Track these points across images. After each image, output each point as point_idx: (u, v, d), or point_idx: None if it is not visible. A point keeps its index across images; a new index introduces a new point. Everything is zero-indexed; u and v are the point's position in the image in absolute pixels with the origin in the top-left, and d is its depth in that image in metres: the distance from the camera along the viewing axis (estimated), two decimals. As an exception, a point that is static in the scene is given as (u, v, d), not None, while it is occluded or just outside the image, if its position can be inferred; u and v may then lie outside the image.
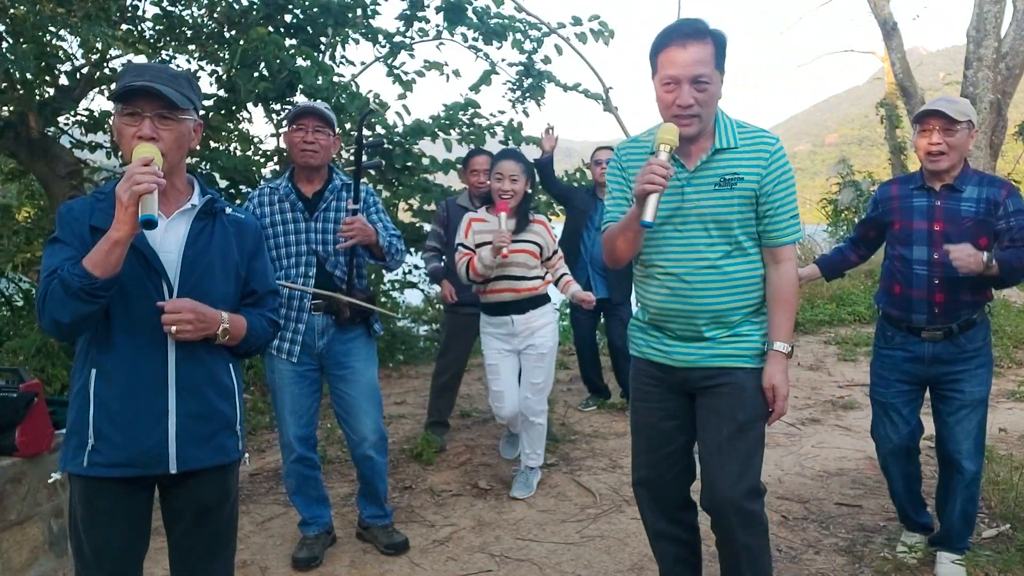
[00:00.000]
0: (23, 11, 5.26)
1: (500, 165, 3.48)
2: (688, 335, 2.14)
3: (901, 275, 2.70)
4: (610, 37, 6.67)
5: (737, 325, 2.12)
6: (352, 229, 2.78)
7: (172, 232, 1.81)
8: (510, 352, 3.59)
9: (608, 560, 3.03)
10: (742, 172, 2.06)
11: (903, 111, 12.33)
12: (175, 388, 1.77)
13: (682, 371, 2.17)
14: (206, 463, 1.82)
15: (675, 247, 2.11)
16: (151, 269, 1.76)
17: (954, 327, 2.65)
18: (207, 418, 1.82)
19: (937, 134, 2.59)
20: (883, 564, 2.90)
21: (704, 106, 2.00)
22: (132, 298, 1.74)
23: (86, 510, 1.78)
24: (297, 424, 2.99)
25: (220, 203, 1.91)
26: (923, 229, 2.64)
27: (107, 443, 1.74)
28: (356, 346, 3.00)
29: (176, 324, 1.72)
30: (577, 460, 4.19)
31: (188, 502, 1.85)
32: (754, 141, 2.09)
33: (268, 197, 2.98)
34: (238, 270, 1.89)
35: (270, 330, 1.98)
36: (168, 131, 1.74)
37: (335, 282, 2.93)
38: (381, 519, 3.18)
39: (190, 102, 1.78)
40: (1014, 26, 8.73)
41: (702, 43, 1.96)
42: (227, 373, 1.88)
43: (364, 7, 6.31)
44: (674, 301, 2.12)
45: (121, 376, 1.74)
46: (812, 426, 4.72)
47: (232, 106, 6.01)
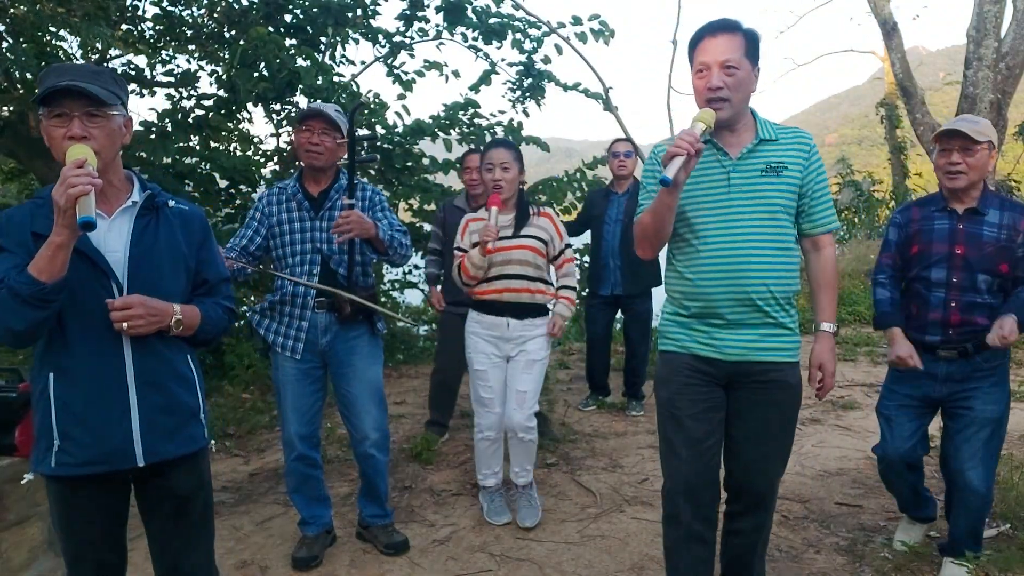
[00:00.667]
0: (23, 11, 5.26)
1: (489, 154, 3.24)
2: (740, 319, 2.17)
3: (919, 296, 2.68)
4: (610, 37, 6.68)
5: (783, 316, 2.20)
6: (348, 223, 2.77)
7: (116, 231, 1.81)
8: (500, 359, 3.30)
9: (608, 560, 3.03)
10: (787, 162, 2.18)
11: (903, 111, 12.32)
12: (135, 383, 1.79)
13: (731, 364, 2.21)
14: (175, 453, 1.86)
15: (726, 231, 2.16)
16: (98, 270, 1.76)
17: (969, 347, 2.62)
18: (171, 410, 1.85)
19: (957, 154, 2.57)
20: (883, 564, 2.90)
21: (734, 91, 2.10)
22: (82, 300, 1.74)
23: (61, 509, 1.82)
24: (299, 422, 2.99)
25: (162, 197, 1.91)
26: (943, 252, 2.61)
27: (73, 443, 1.76)
28: (359, 344, 3.00)
29: (126, 320, 1.73)
30: (577, 460, 4.19)
31: (164, 493, 1.89)
32: (793, 135, 2.23)
33: (277, 197, 3.01)
34: (187, 262, 1.90)
35: (226, 318, 1.99)
36: (99, 129, 1.73)
37: (340, 280, 2.94)
38: (381, 519, 3.17)
39: (117, 98, 1.77)
40: (1014, 26, 8.73)
41: (732, 35, 2.11)
42: (186, 364, 1.91)
43: (364, 7, 6.31)
44: (727, 283, 2.16)
45: (81, 377, 1.76)
46: (812, 426, 4.72)
47: (232, 106, 6.01)
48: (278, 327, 2.98)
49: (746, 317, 2.17)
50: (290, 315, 2.96)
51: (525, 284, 3.23)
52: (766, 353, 2.19)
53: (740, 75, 2.10)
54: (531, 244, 3.23)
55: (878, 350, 6.67)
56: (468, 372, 3.46)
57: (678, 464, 2.26)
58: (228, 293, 2.02)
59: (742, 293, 2.15)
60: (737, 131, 2.19)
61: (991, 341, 2.49)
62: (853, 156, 20.43)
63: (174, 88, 6.47)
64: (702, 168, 2.19)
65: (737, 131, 2.19)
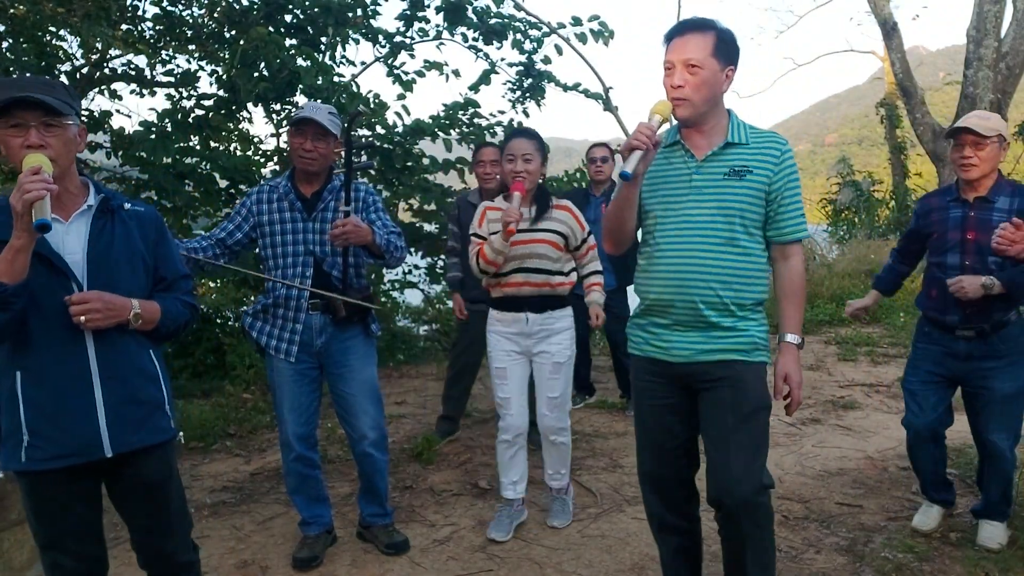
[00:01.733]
0: (23, 11, 5.26)
1: (511, 145, 3.13)
2: (688, 320, 2.16)
3: (937, 281, 2.88)
4: (610, 37, 6.68)
5: (732, 321, 2.15)
6: (344, 231, 2.74)
7: (73, 234, 1.90)
8: (520, 355, 3.20)
9: (609, 559, 3.03)
10: (752, 166, 2.13)
11: (903, 111, 12.33)
12: (99, 378, 1.88)
13: (681, 366, 2.19)
14: (142, 443, 1.95)
15: (681, 233, 2.15)
16: (58, 272, 1.85)
17: (986, 327, 2.81)
18: (136, 402, 1.94)
19: (968, 148, 2.76)
20: (884, 564, 2.90)
21: (694, 90, 2.08)
22: (44, 301, 1.83)
23: (35, 503, 1.90)
24: (296, 422, 2.98)
25: (117, 199, 2.01)
26: (956, 238, 2.82)
27: (42, 438, 1.85)
28: (354, 344, 2.99)
29: (84, 314, 1.80)
30: (577, 460, 4.19)
31: (134, 482, 1.99)
32: (765, 140, 2.18)
33: (267, 195, 2.97)
34: (145, 261, 1.99)
35: (187, 312, 2.07)
36: (55, 138, 1.83)
37: (333, 282, 2.92)
38: (382, 518, 3.18)
39: (71, 108, 1.87)
40: (1014, 26, 8.73)
41: (702, 34, 2.08)
42: (149, 359, 2.00)
43: (364, 7, 6.31)
44: (676, 284, 2.15)
45: (46, 375, 1.85)
46: (812, 426, 4.72)
47: (232, 106, 6.01)
48: (272, 330, 2.96)
49: (693, 320, 2.16)
50: (284, 317, 2.94)
51: (544, 278, 3.15)
52: (713, 354, 2.16)
53: (703, 75, 2.07)
54: (548, 238, 3.15)
55: (878, 350, 6.67)
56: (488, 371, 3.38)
57: (643, 459, 2.36)
58: (187, 289, 2.11)
59: (688, 297, 2.14)
60: (706, 132, 2.17)
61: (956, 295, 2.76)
62: (853, 156, 20.42)
63: (174, 88, 6.47)
64: (668, 168, 2.21)
65: (706, 132, 2.17)
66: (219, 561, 3.08)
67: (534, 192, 3.19)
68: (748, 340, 2.17)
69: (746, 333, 2.17)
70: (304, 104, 3.02)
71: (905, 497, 3.55)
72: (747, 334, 2.17)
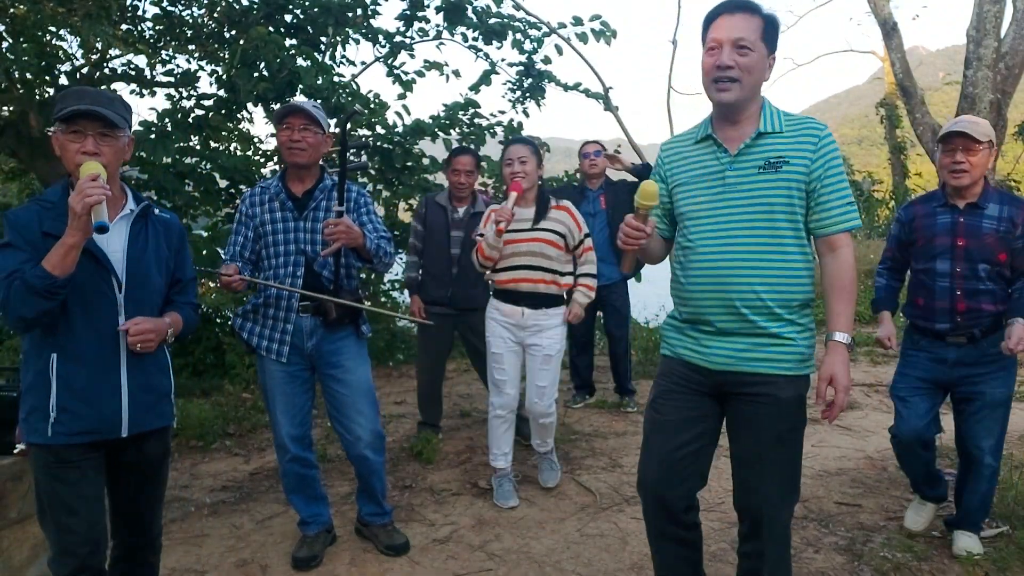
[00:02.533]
0: (23, 11, 5.27)
1: (509, 151, 3.46)
2: (728, 327, 2.05)
3: (924, 288, 2.86)
4: (611, 37, 6.68)
5: (779, 326, 2.02)
6: (336, 232, 2.73)
7: (116, 234, 2.10)
8: (515, 344, 3.50)
9: (608, 559, 3.03)
10: (788, 156, 2.00)
11: (903, 111, 12.33)
12: (126, 365, 2.09)
13: (719, 374, 2.08)
14: (151, 426, 2.17)
15: (717, 234, 2.04)
16: (102, 267, 2.05)
17: (976, 332, 2.79)
18: (151, 389, 2.16)
19: (960, 153, 2.73)
20: (883, 563, 2.90)
21: (745, 72, 1.97)
22: (88, 293, 2.03)
23: (55, 470, 2.04)
24: (291, 424, 2.98)
25: (151, 207, 2.22)
26: (946, 244, 2.79)
27: (70, 415, 2.02)
28: (346, 345, 2.97)
29: (142, 342, 2.04)
30: (577, 459, 4.19)
31: (138, 460, 2.18)
32: (801, 126, 2.04)
33: (260, 197, 2.96)
34: (168, 264, 2.22)
35: (195, 316, 2.33)
36: (109, 147, 2.03)
37: (323, 282, 2.90)
38: (380, 517, 3.17)
39: (125, 122, 2.07)
40: (1014, 26, 8.73)
41: (750, 15, 1.98)
42: (162, 352, 2.23)
43: (364, 7, 6.32)
44: (714, 289, 2.04)
45: (82, 358, 2.03)
46: (812, 426, 4.67)
47: (232, 106, 6.01)
48: (262, 330, 2.95)
49: (735, 326, 2.04)
50: (274, 318, 2.93)
51: (540, 275, 3.43)
52: (754, 364, 2.03)
53: (754, 57, 1.96)
54: (547, 237, 3.42)
55: (878, 350, 6.68)
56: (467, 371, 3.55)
57: (647, 462, 2.22)
58: (196, 291, 2.35)
59: (728, 300, 2.02)
60: (739, 124, 2.05)
61: (1004, 349, 2.67)
62: (853, 156, 20.44)
63: (174, 88, 6.48)
64: (700, 166, 2.11)
65: (739, 124, 2.05)
66: (219, 560, 3.08)
67: (534, 193, 3.47)
68: (794, 352, 2.03)
69: (792, 344, 2.03)
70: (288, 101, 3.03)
71: (904, 497, 3.55)
72: (793, 345, 2.03)
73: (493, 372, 3.53)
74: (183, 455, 4.35)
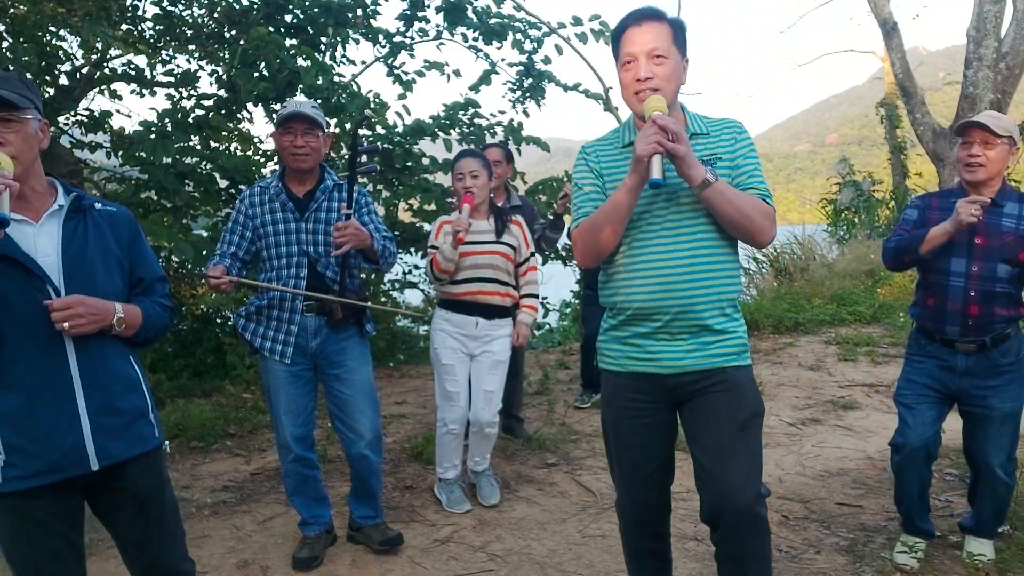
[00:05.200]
0: (23, 11, 5.27)
1: (459, 164, 3.49)
2: (678, 327, 2.03)
3: (936, 287, 2.72)
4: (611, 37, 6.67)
5: (723, 322, 2.05)
6: (345, 235, 2.75)
7: (45, 235, 1.79)
8: (465, 355, 3.49)
9: (609, 559, 3.03)
10: (720, 153, 2.06)
11: (903, 111, 12.32)
12: (81, 387, 1.77)
13: (672, 378, 2.06)
14: (126, 454, 1.84)
15: (661, 237, 2.03)
16: (32, 276, 1.74)
17: (987, 340, 2.67)
18: (119, 411, 1.84)
19: (977, 146, 2.62)
20: (884, 564, 2.90)
21: (664, 81, 1.97)
22: (18, 307, 1.72)
23: (14, 527, 1.76)
24: (294, 424, 2.98)
25: (88, 199, 1.90)
26: (963, 242, 2.65)
27: (21, 455, 1.72)
28: (350, 345, 2.98)
29: (68, 320, 1.70)
30: (578, 460, 4.19)
31: (124, 496, 1.88)
32: (721, 126, 2.11)
33: (259, 197, 2.95)
34: (120, 262, 1.90)
35: (166, 316, 1.99)
36: (14, 133, 1.72)
37: (327, 283, 2.91)
38: (372, 519, 3.16)
39: (29, 101, 1.76)
40: (1014, 26, 8.73)
41: (658, 23, 1.99)
42: (130, 365, 1.90)
43: (364, 7, 6.31)
44: (665, 290, 2.02)
45: (23, 386, 1.73)
46: (812, 426, 4.72)
47: (232, 106, 6.01)
48: (266, 331, 2.95)
49: (683, 326, 2.03)
50: (278, 319, 2.93)
51: (496, 287, 3.48)
52: (704, 361, 2.04)
53: (670, 64, 1.97)
54: (504, 251, 3.50)
55: (878, 350, 6.67)
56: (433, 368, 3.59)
57: (620, 486, 2.23)
58: (165, 291, 2.02)
59: (680, 300, 2.01)
60: None
61: None
62: (853, 156, 20.41)
63: (174, 88, 6.47)
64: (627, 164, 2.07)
65: None
66: (219, 561, 3.08)
67: (486, 206, 3.53)
68: (739, 342, 2.08)
69: (736, 335, 2.07)
70: (285, 104, 2.97)
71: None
72: (737, 336, 2.08)
73: (445, 384, 3.47)
74: (184, 456, 4.35)
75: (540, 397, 5.51)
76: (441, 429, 3.53)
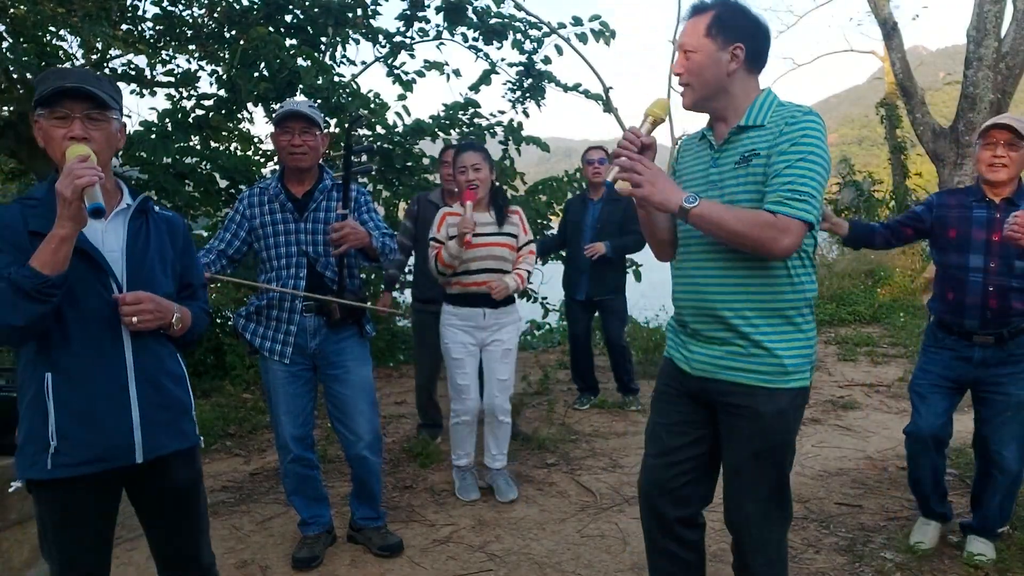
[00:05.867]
0: (23, 11, 5.27)
1: (462, 157, 3.47)
2: (705, 332, 1.99)
3: (955, 282, 2.81)
4: (611, 37, 6.68)
5: (758, 334, 1.91)
6: (342, 235, 2.75)
7: (112, 232, 1.86)
8: (475, 347, 3.56)
9: (608, 559, 3.03)
10: (760, 148, 1.89)
11: (903, 111, 12.31)
12: (135, 380, 1.83)
13: (698, 380, 2.02)
14: (170, 448, 1.90)
15: (697, 235, 1.97)
16: (98, 268, 1.80)
17: (1005, 332, 2.74)
18: (166, 406, 1.90)
19: (1001, 147, 2.71)
20: (883, 564, 2.90)
21: (691, 75, 1.95)
22: (83, 298, 1.78)
23: (56, 514, 1.80)
24: (293, 424, 2.98)
25: (149, 203, 1.98)
26: (981, 239, 2.75)
27: (72, 443, 1.77)
28: (349, 345, 2.98)
29: (137, 315, 1.77)
30: (577, 460, 4.19)
31: (164, 490, 1.93)
32: (780, 116, 1.90)
33: (258, 198, 2.95)
34: (174, 266, 1.98)
35: (206, 321, 2.08)
36: (98, 131, 1.79)
37: (326, 283, 2.90)
38: (374, 520, 3.16)
39: (116, 103, 1.83)
40: (1014, 26, 8.73)
41: (698, 17, 1.96)
42: (176, 363, 1.97)
43: (364, 7, 6.32)
44: (692, 293, 2.01)
45: (82, 374, 1.78)
46: (812, 426, 4.72)
47: (232, 106, 6.01)
48: (265, 331, 2.95)
49: (710, 331, 1.97)
50: (278, 319, 2.93)
51: (500, 277, 3.50)
52: (731, 373, 1.94)
53: (696, 59, 1.93)
54: (507, 241, 3.54)
55: (878, 350, 6.67)
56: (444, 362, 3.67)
57: (642, 466, 2.20)
58: (207, 297, 2.12)
59: (703, 304, 1.97)
60: (725, 120, 1.98)
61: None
62: (853, 156, 20.40)
63: (174, 88, 6.47)
64: (694, 162, 2.07)
65: (725, 120, 1.98)
66: (219, 561, 3.04)
67: (488, 198, 3.54)
68: (775, 363, 1.91)
69: (770, 355, 1.90)
70: (283, 104, 2.96)
71: (904, 497, 3.55)
72: (771, 356, 1.90)
73: (455, 377, 3.55)
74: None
75: (540, 397, 5.51)
76: (454, 420, 3.64)
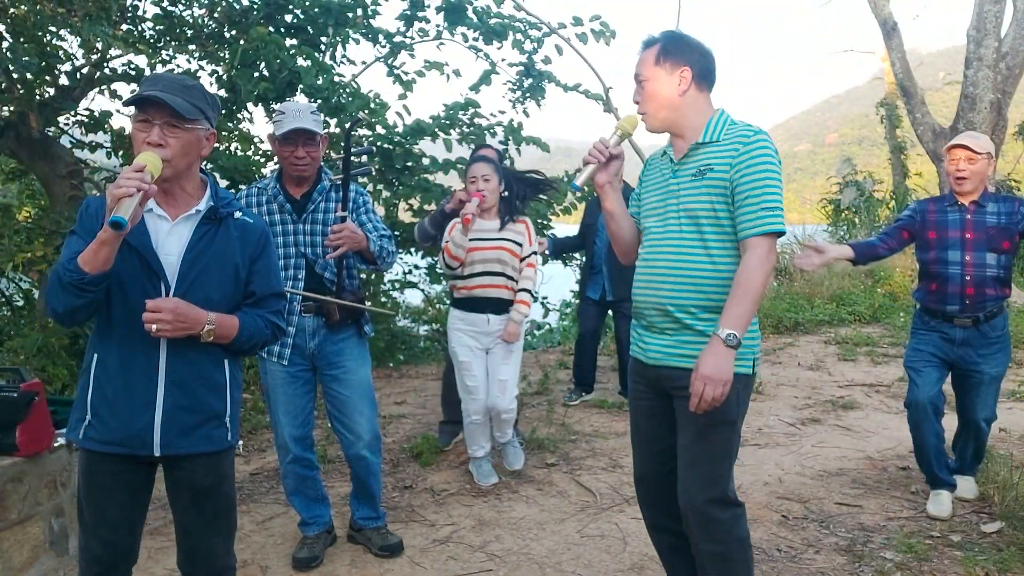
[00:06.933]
0: (23, 11, 5.27)
1: (472, 168, 3.74)
2: (659, 324, 2.18)
3: (938, 274, 3.30)
4: (611, 37, 6.68)
5: (704, 324, 2.09)
6: (340, 237, 2.75)
7: (175, 235, 1.92)
8: (480, 350, 3.73)
9: (608, 559, 3.03)
10: (714, 163, 2.09)
11: (903, 111, 12.32)
12: (164, 381, 1.90)
13: (653, 369, 2.21)
14: (189, 450, 1.94)
15: (654, 238, 2.21)
16: (150, 270, 1.87)
17: (980, 316, 3.24)
18: (193, 410, 1.93)
19: (963, 162, 3.25)
20: (883, 563, 2.90)
21: (647, 102, 2.17)
22: (131, 296, 1.86)
23: (85, 479, 1.94)
24: (292, 424, 2.98)
25: (231, 207, 2.00)
26: (957, 237, 3.26)
27: (101, 422, 1.90)
28: (348, 346, 2.98)
29: (155, 323, 1.81)
30: (577, 460, 4.19)
31: (183, 483, 1.99)
32: (734, 134, 2.10)
33: (256, 198, 2.95)
34: (238, 272, 1.97)
35: (268, 331, 2.04)
36: (176, 139, 1.84)
37: (325, 284, 2.91)
38: (374, 520, 3.16)
39: (200, 112, 1.88)
40: (1014, 26, 8.74)
41: (648, 48, 2.18)
42: (220, 370, 1.98)
43: (364, 7, 6.32)
44: (647, 287, 2.20)
45: (117, 364, 1.89)
46: (812, 426, 4.73)
47: (232, 106, 6.02)
48: None
49: (663, 323, 2.17)
50: None
51: (503, 281, 3.72)
52: (680, 359, 2.13)
53: (649, 87, 2.15)
54: (509, 246, 3.72)
55: (878, 350, 6.68)
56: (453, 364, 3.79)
57: (635, 461, 2.40)
58: (276, 308, 2.07)
59: (657, 300, 2.16)
60: (684, 137, 2.18)
61: None
62: (853, 156, 20.39)
63: (174, 88, 6.45)
64: (656, 175, 2.28)
65: (684, 137, 2.18)
66: (219, 561, 3.07)
67: (496, 208, 3.74)
68: None
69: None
70: (283, 110, 2.89)
71: (904, 497, 3.56)
72: None
73: (464, 379, 3.74)
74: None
75: (540, 397, 5.51)
76: (466, 419, 3.82)
